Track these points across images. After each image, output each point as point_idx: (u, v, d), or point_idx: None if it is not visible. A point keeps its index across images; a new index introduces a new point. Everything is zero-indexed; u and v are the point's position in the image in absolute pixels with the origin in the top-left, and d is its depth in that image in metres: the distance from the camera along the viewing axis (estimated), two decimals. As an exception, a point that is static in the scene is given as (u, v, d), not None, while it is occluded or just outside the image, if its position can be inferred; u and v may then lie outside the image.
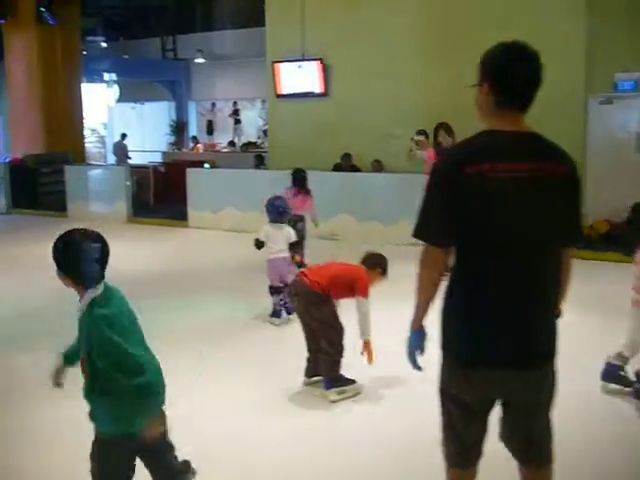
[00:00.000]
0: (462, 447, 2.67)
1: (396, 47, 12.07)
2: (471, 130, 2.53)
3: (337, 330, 4.69)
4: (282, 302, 6.51)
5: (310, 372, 4.92)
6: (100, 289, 2.82)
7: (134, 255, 10.44)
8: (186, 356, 5.65)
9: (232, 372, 5.34)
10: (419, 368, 2.68)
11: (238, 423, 4.43)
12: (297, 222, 8.14)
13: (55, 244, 2.83)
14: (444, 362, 2.64)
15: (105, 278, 2.87)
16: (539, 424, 2.66)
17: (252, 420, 4.48)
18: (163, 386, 2.75)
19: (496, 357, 2.48)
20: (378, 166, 12.09)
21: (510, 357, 2.48)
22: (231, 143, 22.19)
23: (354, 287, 4.67)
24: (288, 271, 6.42)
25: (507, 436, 2.71)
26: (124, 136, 19.95)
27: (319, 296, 4.61)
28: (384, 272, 4.92)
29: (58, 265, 2.81)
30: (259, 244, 6.46)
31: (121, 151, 19.44)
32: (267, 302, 6.71)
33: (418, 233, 2.55)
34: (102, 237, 2.93)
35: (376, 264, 4.89)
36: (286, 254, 6.49)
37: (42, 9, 15.45)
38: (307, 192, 8.52)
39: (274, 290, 6.53)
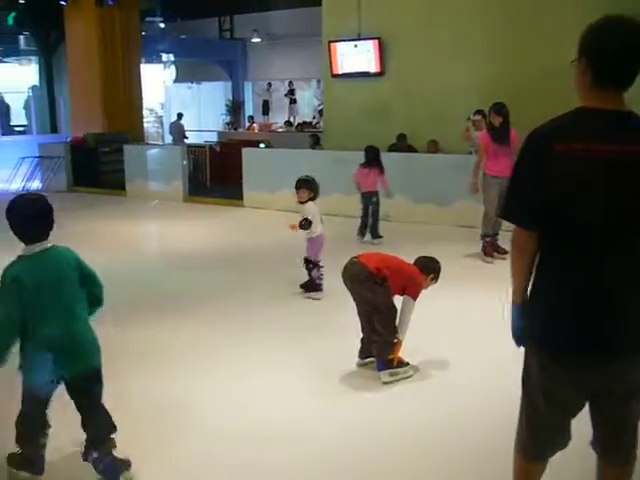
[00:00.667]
0: (541, 438, 2.62)
1: (455, 25, 11.86)
2: (533, 110, 2.46)
3: (391, 313, 4.69)
4: (322, 276, 6.80)
5: (364, 353, 4.94)
6: (34, 250, 3.19)
7: (189, 233, 10.60)
8: (235, 331, 5.75)
9: (283, 351, 5.38)
10: (520, 344, 2.57)
11: (291, 403, 4.47)
12: (371, 197, 9.30)
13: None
14: (529, 351, 2.56)
15: (48, 241, 3.25)
16: (633, 411, 2.54)
17: (305, 401, 4.51)
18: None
19: (586, 345, 2.37)
20: (434, 146, 11.96)
21: (601, 344, 2.36)
22: (287, 123, 22.26)
23: (408, 287, 4.70)
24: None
25: (599, 424, 2.60)
26: (180, 116, 20.17)
27: (377, 280, 4.61)
28: (436, 279, 4.93)
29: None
30: (309, 224, 6.67)
31: (178, 131, 19.66)
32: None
33: (503, 213, 2.50)
34: (41, 202, 3.22)
35: (431, 270, 4.89)
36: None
37: (102, -10, 15.71)
38: (379, 168, 9.29)
39: (313, 265, 6.76)
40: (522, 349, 2.61)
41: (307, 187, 6.75)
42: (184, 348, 5.50)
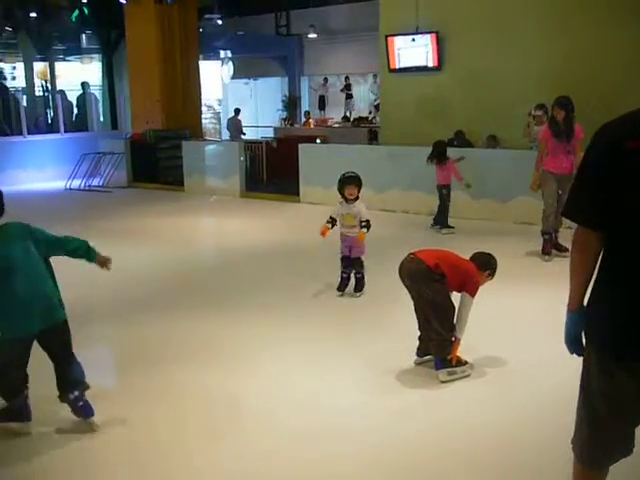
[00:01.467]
0: (603, 447, 2.53)
1: (512, 20, 11.65)
2: (598, 105, 2.37)
3: (449, 311, 4.63)
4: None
5: (422, 351, 4.89)
6: None
7: (247, 229, 10.68)
8: (289, 327, 5.76)
9: (338, 348, 5.36)
10: (579, 353, 2.49)
11: (347, 400, 4.45)
12: (441, 189, 9.70)
13: None
14: (589, 354, 2.46)
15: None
16: None
17: (361, 398, 4.48)
18: None
19: None
20: (493, 142, 11.76)
21: None
22: (345, 118, 22.17)
23: (465, 284, 4.63)
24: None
25: None
26: (238, 111, 20.31)
27: (436, 276, 4.56)
28: (492, 275, 4.86)
29: None
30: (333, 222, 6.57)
31: (235, 126, 19.81)
32: (377, 281, 6.71)
33: (567, 211, 2.41)
34: None
35: (487, 267, 4.82)
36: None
37: (161, -12, 15.91)
38: (447, 162, 9.60)
39: (352, 262, 6.64)
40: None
41: (357, 183, 6.51)
42: (239, 342, 5.53)
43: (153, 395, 4.56)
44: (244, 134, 19.68)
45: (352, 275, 6.68)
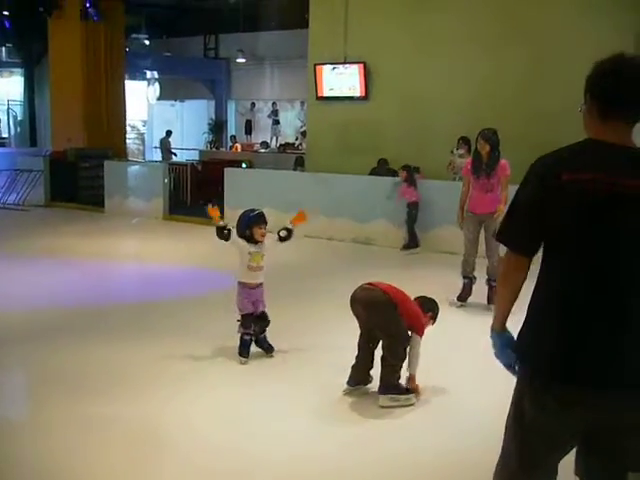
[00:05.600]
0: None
1: (439, 52, 11.93)
2: (515, 138, 2.41)
3: (405, 340, 4.65)
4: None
5: (353, 380, 4.85)
6: None
7: (169, 252, 10.46)
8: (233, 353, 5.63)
9: (282, 372, 5.28)
10: (513, 370, 2.48)
11: (286, 425, 4.38)
12: (412, 208, 10.19)
13: None
14: (521, 382, 2.46)
15: None
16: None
17: (300, 423, 4.42)
18: None
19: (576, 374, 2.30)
20: (416, 172, 11.92)
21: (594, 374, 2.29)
22: (264, 144, 22.06)
23: (413, 324, 4.68)
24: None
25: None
26: (169, 133, 20.22)
27: (388, 300, 4.59)
28: (434, 319, 4.96)
29: None
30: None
31: (165, 147, 19.76)
32: (312, 303, 6.64)
33: (500, 236, 2.45)
34: None
35: (430, 309, 4.92)
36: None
37: (87, 5, 15.61)
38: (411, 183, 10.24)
39: (257, 319, 5.53)
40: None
41: (266, 221, 5.58)
42: (152, 370, 5.35)
43: (70, 427, 4.33)
44: (175, 155, 19.55)
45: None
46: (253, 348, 5.50)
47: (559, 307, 2.34)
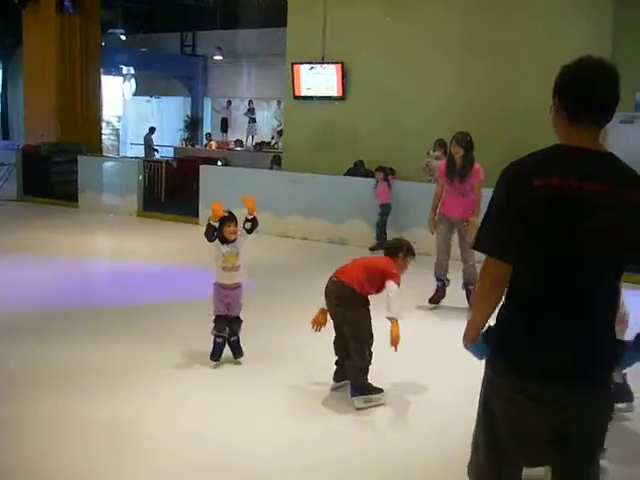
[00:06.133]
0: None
1: (417, 54, 12.00)
2: (498, 143, 2.45)
3: (367, 336, 4.66)
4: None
5: (338, 376, 4.90)
6: None
7: (145, 249, 10.39)
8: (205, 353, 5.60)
9: (258, 373, 5.26)
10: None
11: (262, 427, 4.37)
12: (386, 209, 10.32)
13: None
14: (492, 376, 2.49)
15: None
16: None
17: (276, 423, 4.42)
18: None
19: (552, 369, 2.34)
20: (391, 173, 11.97)
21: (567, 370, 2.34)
22: (238, 142, 21.98)
23: (385, 276, 4.58)
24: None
25: None
26: (152, 130, 20.39)
27: (357, 296, 4.59)
28: (409, 254, 4.87)
29: None
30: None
31: (148, 144, 19.90)
32: (292, 300, 6.63)
33: (478, 244, 2.46)
34: None
35: (398, 250, 4.84)
36: None
37: (63, -2, 15.45)
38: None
39: (229, 322, 5.43)
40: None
41: (236, 219, 5.45)
42: (126, 363, 5.32)
43: (38, 427, 4.28)
44: (157, 151, 19.55)
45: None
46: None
47: (527, 305, 2.39)
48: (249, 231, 5.43)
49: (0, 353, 5.57)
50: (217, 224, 5.32)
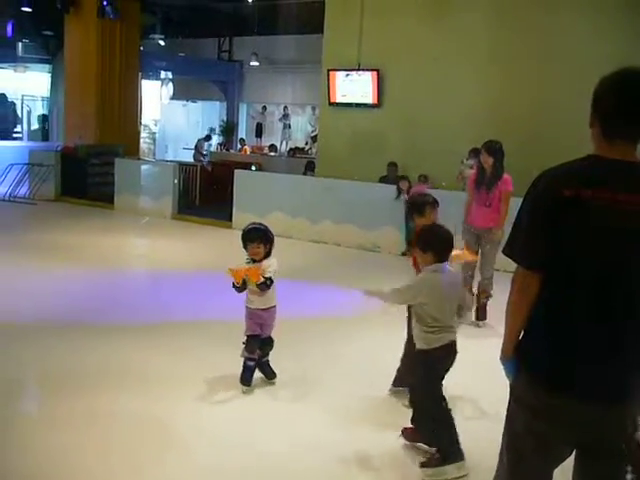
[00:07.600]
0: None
1: (453, 62, 11.96)
2: (530, 149, 2.44)
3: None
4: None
5: (398, 381, 4.91)
6: None
7: (176, 251, 10.50)
8: (218, 356, 5.65)
9: (313, 378, 5.29)
10: None
11: (324, 430, 4.42)
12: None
13: None
14: (517, 393, 2.49)
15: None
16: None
17: (329, 424, 4.46)
18: None
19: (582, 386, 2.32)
20: (425, 181, 11.96)
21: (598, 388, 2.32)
22: (272, 147, 22.07)
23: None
24: None
25: None
26: (208, 137, 21.61)
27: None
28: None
29: None
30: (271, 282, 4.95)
31: (198, 150, 20.44)
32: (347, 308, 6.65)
33: (510, 251, 2.44)
34: None
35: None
36: None
37: (104, 3, 15.69)
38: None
39: (262, 343, 5.14)
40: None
41: (263, 239, 4.91)
42: (161, 369, 5.40)
43: (78, 423, 4.36)
44: (205, 157, 20.10)
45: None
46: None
47: (558, 320, 2.35)
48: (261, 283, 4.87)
49: (56, 351, 5.69)
50: (240, 284, 4.90)
